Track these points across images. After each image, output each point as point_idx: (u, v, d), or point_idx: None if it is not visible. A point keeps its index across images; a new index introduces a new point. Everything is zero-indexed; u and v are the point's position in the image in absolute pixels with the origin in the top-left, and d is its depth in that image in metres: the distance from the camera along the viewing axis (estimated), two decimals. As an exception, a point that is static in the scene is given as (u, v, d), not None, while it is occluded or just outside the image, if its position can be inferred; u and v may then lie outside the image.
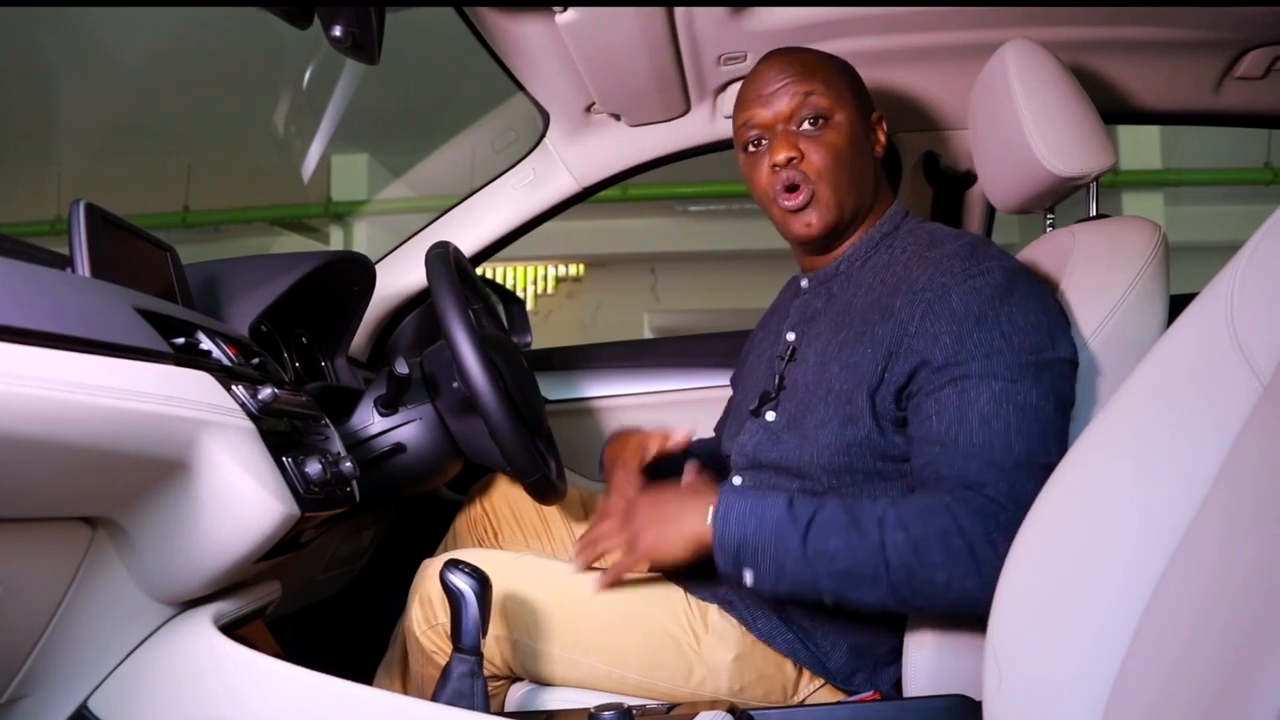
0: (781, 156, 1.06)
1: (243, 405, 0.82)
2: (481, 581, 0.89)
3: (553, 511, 1.37)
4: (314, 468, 0.88)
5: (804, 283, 1.17)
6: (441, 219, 1.62)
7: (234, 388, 0.83)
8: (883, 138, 1.14)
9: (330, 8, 0.96)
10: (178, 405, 0.72)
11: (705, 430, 1.58)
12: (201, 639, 0.83)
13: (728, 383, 1.60)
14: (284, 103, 4.44)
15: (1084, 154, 1.11)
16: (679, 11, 1.21)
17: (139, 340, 0.75)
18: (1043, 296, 0.97)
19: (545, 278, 6.96)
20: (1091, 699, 0.63)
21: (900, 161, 1.57)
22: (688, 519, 0.96)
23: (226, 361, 0.89)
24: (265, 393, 0.86)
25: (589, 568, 1.06)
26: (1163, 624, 0.60)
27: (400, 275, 1.60)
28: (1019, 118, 1.11)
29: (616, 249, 6.61)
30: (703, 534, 0.94)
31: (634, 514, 1.01)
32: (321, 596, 1.47)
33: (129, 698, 0.83)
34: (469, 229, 1.57)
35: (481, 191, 1.59)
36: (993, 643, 0.74)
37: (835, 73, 1.10)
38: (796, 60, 1.09)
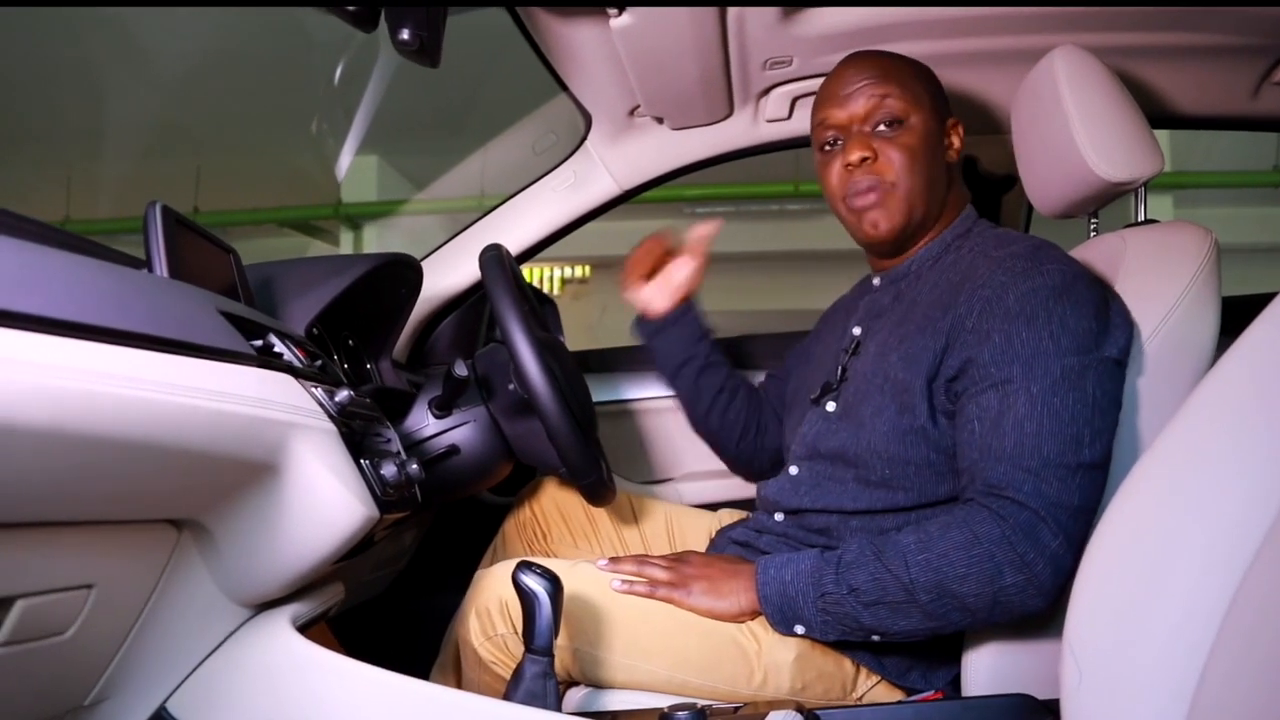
0: (855, 156, 1.08)
1: (322, 407, 0.82)
2: (554, 583, 0.89)
3: (600, 513, 1.37)
4: (389, 469, 0.88)
5: (875, 281, 1.20)
6: (481, 222, 1.61)
7: (313, 390, 0.83)
8: (957, 142, 1.15)
9: (398, 11, 0.95)
10: (270, 408, 0.72)
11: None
12: (281, 640, 0.83)
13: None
14: (298, 106, 4.44)
15: (1133, 159, 1.11)
16: (731, 15, 1.21)
17: (227, 343, 0.75)
18: (1099, 301, 0.98)
19: (551, 279, 6.95)
20: (1175, 698, 0.64)
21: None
22: (739, 581, 1.01)
23: (297, 364, 0.89)
24: (342, 394, 0.86)
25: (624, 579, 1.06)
26: (1246, 624, 0.60)
27: (439, 278, 1.60)
28: (1068, 123, 1.12)
29: (623, 250, 6.60)
30: (752, 595, 1.00)
31: (686, 563, 1.05)
32: (366, 597, 1.47)
33: (208, 700, 0.83)
34: (509, 231, 1.57)
35: (522, 194, 1.58)
36: (1070, 642, 0.74)
37: (913, 76, 1.11)
38: (875, 63, 1.10)
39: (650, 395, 1.65)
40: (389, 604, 1.58)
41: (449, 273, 1.59)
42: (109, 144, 5.07)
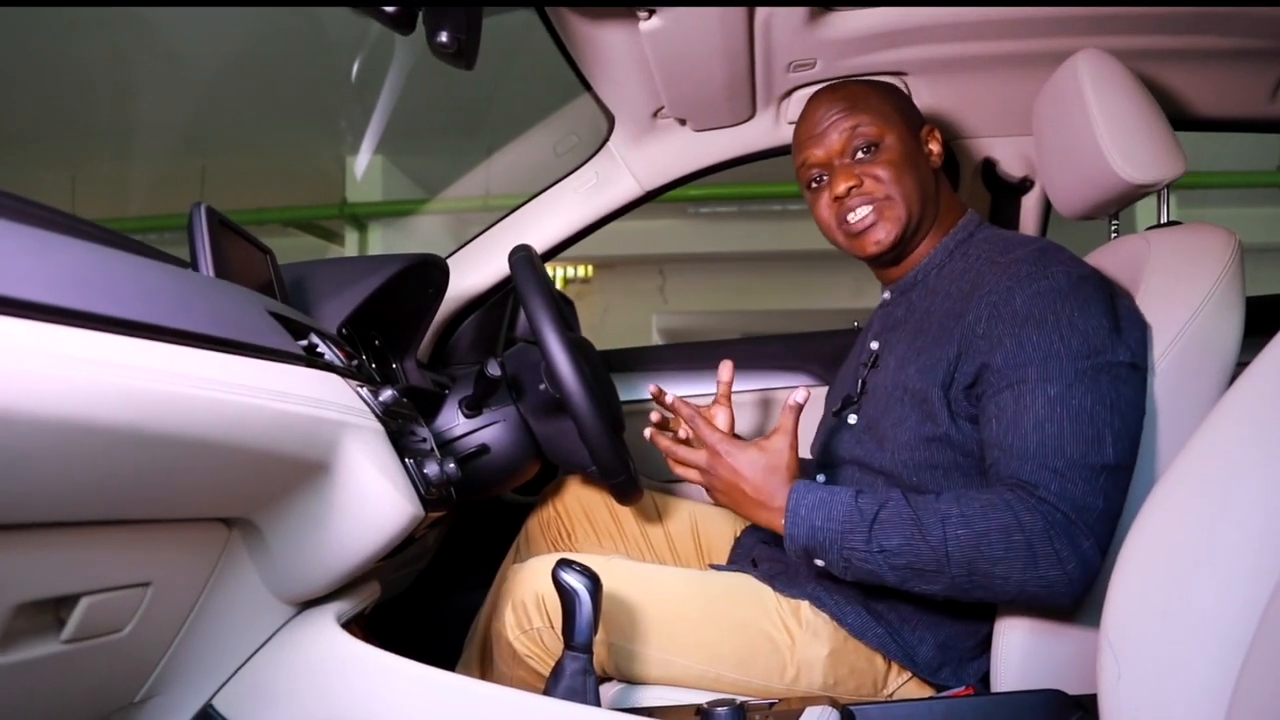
0: (842, 188, 1.11)
1: (369, 406, 0.83)
2: (594, 581, 0.89)
3: (624, 512, 1.37)
4: (432, 468, 0.88)
5: (886, 294, 1.21)
6: (503, 222, 1.62)
7: (360, 389, 0.83)
8: (936, 148, 1.17)
9: (437, 14, 0.96)
10: (325, 407, 0.72)
11: (761, 431, 1.58)
12: (328, 638, 0.83)
13: (789, 385, 1.62)
14: (303, 105, 4.43)
15: (1156, 161, 1.12)
16: (759, 18, 1.22)
17: (280, 343, 0.75)
18: (1108, 301, 0.99)
19: (554, 279, 6.94)
20: (1214, 690, 0.64)
21: (959, 168, 1.58)
22: (763, 505, 0.99)
23: (339, 363, 0.89)
24: (386, 394, 0.86)
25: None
26: (1284, 622, 0.61)
27: (461, 278, 1.60)
28: (1091, 125, 1.12)
29: (625, 250, 6.61)
30: (774, 522, 0.98)
31: (718, 464, 1.01)
32: (391, 595, 1.47)
33: (253, 696, 0.83)
34: (532, 232, 1.57)
35: (544, 195, 1.59)
36: (1109, 636, 0.75)
37: (879, 98, 1.14)
38: (839, 96, 1.14)
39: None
40: (411, 602, 1.58)
41: (471, 273, 1.60)
42: (114, 144, 5.06)
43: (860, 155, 1.11)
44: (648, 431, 1.11)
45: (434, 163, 5.59)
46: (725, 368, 1.18)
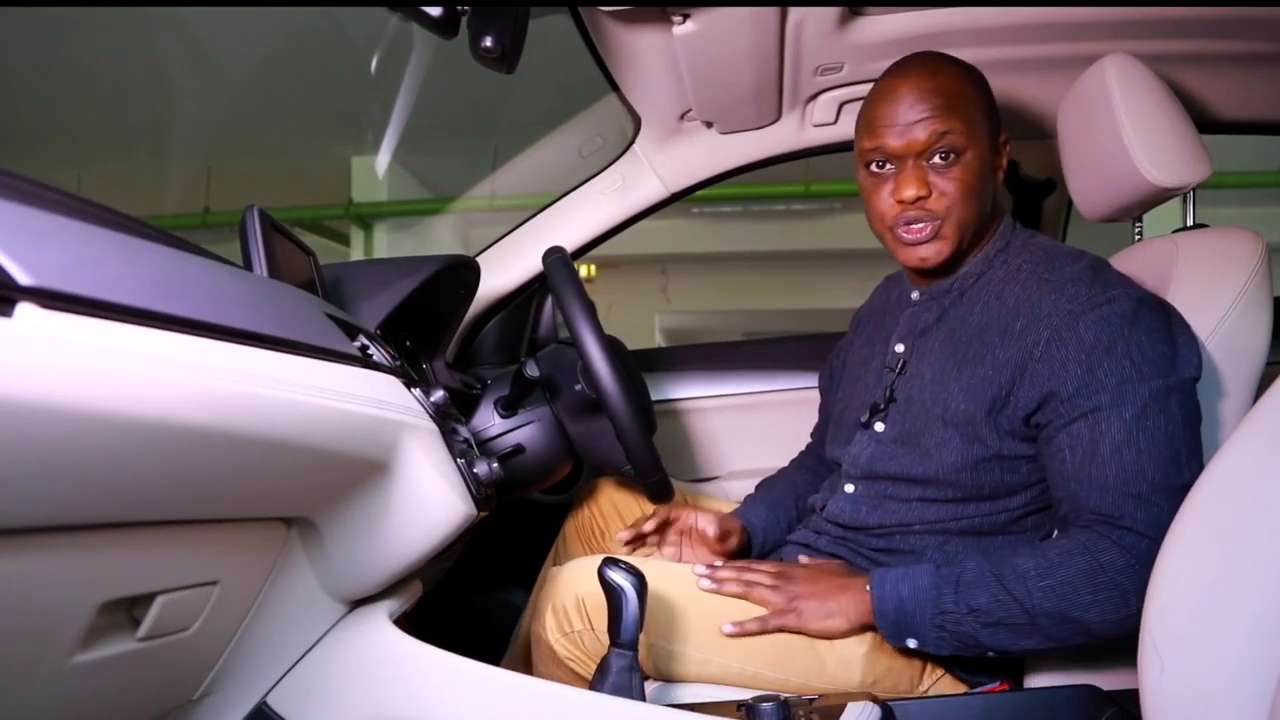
0: (909, 194, 1.04)
1: (423, 407, 0.83)
2: (640, 579, 0.90)
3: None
4: (482, 468, 0.89)
5: (915, 295, 1.17)
6: (530, 223, 1.62)
7: (413, 390, 0.84)
8: (1005, 160, 1.12)
9: (482, 18, 0.96)
10: (386, 408, 0.73)
11: (784, 429, 1.59)
12: (380, 635, 0.84)
13: (807, 385, 1.61)
14: (310, 106, 4.43)
15: (1184, 164, 1.13)
16: (790, 23, 1.22)
17: (338, 344, 0.76)
18: (1166, 321, 0.99)
19: (559, 279, 6.94)
20: (1257, 687, 0.65)
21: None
22: (850, 595, 1.00)
23: (389, 364, 0.90)
24: (437, 395, 0.87)
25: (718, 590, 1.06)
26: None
27: (488, 278, 1.61)
28: (1119, 128, 1.13)
29: (628, 250, 6.63)
30: (864, 608, 0.99)
31: (791, 580, 1.03)
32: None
33: (307, 693, 0.84)
34: (559, 233, 1.58)
35: (569, 196, 1.60)
36: (1151, 632, 0.76)
37: (974, 100, 1.06)
38: (935, 89, 1.04)
39: (694, 395, 1.67)
40: (439, 600, 1.59)
41: (498, 273, 1.60)
42: (120, 144, 5.06)
43: (937, 160, 1.04)
44: (705, 584, 1.05)
45: (437, 163, 5.60)
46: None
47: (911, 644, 0.97)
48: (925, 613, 0.95)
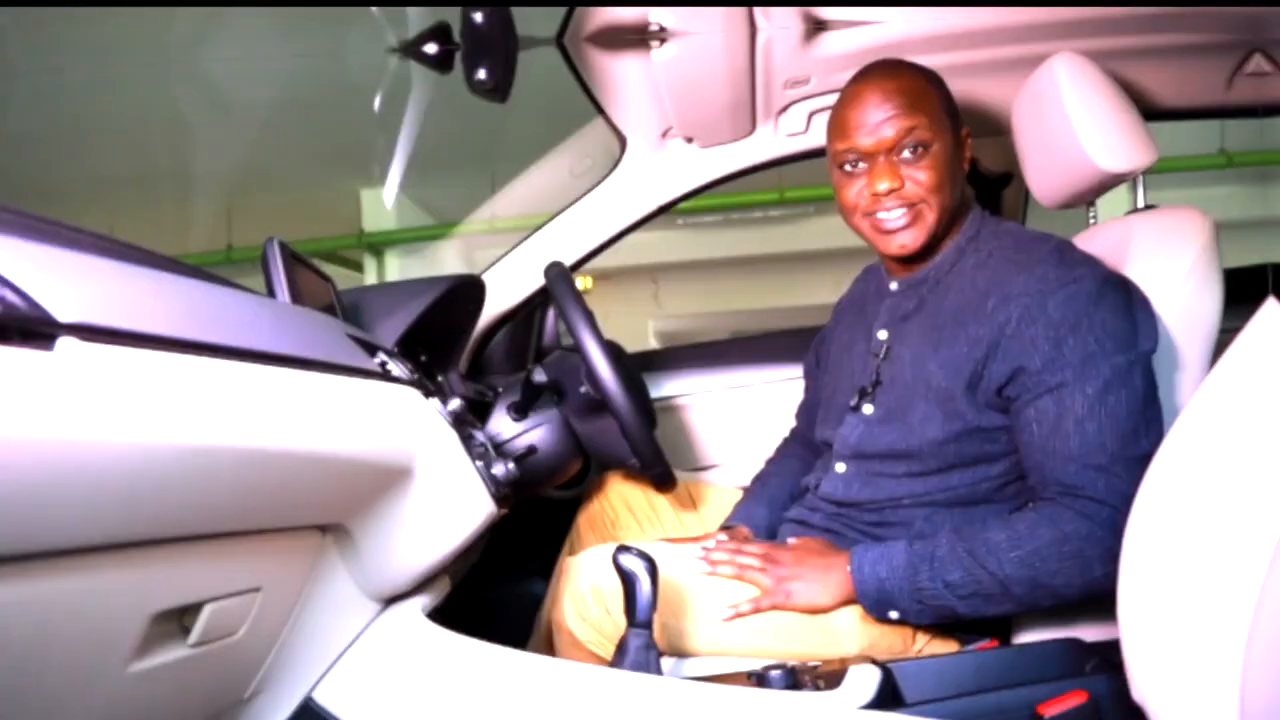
0: (883, 186, 1.04)
1: (441, 416, 0.83)
2: (651, 562, 0.90)
3: (661, 501, 1.38)
4: (499, 469, 0.89)
5: (893, 285, 1.17)
6: (529, 241, 1.62)
7: (431, 400, 0.84)
8: (969, 152, 1.13)
9: (476, 53, 0.97)
10: (407, 419, 0.73)
11: (773, 416, 1.59)
12: (417, 629, 0.84)
13: (793, 375, 1.61)
14: (324, 142, 4.43)
15: (1132, 151, 1.13)
16: (760, 41, 1.23)
17: (360, 362, 0.76)
18: (1129, 298, 0.99)
19: (559, 292, 6.94)
20: (1226, 631, 0.65)
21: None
22: (833, 575, 1.00)
23: (408, 378, 0.90)
24: (454, 404, 0.87)
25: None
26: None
27: (494, 293, 1.61)
28: (1070, 121, 1.13)
29: (620, 262, 6.63)
30: (847, 586, 0.99)
31: (779, 561, 1.03)
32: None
33: (351, 688, 0.84)
34: (556, 249, 1.58)
35: (564, 214, 1.60)
36: (1128, 586, 0.76)
37: (935, 98, 1.07)
38: (899, 89, 1.05)
39: (690, 391, 1.67)
40: (464, 593, 1.59)
41: (502, 290, 1.60)
42: (147, 191, 5.05)
43: (907, 154, 1.04)
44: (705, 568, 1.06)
45: (441, 193, 5.60)
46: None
47: (894, 616, 0.98)
48: (903, 590, 0.95)
